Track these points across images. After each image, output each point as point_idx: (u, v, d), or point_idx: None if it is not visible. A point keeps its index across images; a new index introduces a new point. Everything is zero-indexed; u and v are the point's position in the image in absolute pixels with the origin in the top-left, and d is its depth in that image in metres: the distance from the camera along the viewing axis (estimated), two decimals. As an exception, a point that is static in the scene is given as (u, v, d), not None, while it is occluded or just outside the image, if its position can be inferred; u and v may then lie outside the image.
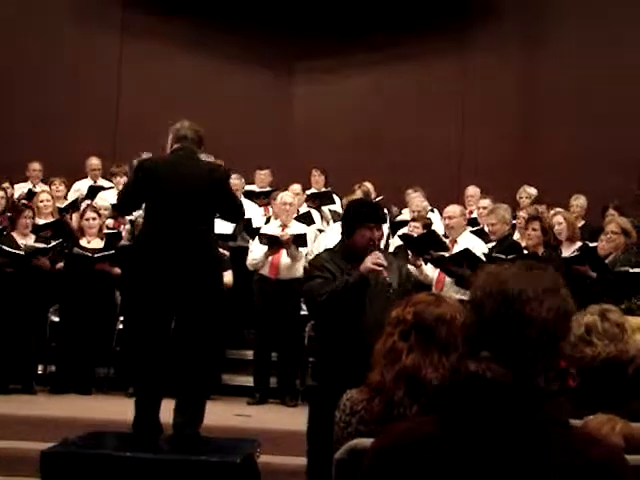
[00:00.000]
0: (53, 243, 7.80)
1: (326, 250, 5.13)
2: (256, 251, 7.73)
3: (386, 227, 8.96)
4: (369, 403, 2.55)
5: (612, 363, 2.76)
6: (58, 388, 7.67)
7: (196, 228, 5.12)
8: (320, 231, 8.74)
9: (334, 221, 9.06)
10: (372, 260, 4.44)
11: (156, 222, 5.17)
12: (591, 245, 7.43)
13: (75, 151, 10.74)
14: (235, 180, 8.61)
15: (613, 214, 8.52)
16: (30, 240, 7.82)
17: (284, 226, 7.86)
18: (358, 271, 4.47)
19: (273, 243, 7.58)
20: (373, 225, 4.59)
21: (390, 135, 11.51)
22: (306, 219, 8.53)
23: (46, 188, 9.50)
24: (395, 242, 8.32)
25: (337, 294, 4.44)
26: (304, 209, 9.12)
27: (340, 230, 7.68)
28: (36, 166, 10.37)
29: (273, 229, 7.91)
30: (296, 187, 9.49)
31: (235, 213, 5.63)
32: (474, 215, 9.17)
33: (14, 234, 7.82)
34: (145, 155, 7.02)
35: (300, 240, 7.65)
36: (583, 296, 4.60)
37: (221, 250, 6.67)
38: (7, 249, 7.46)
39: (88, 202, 9.09)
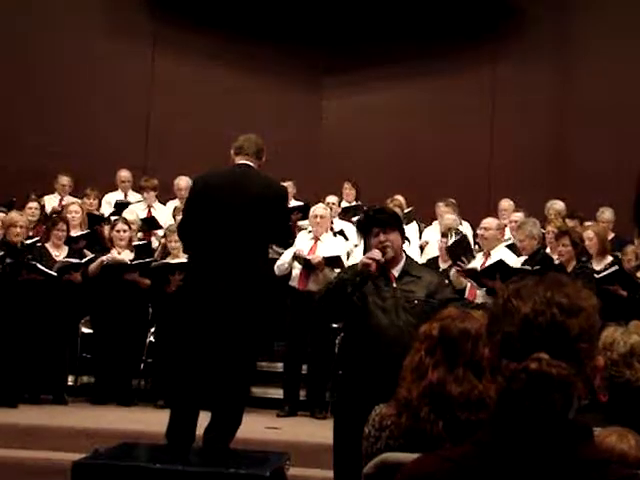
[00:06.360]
0: (86, 259, 7.87)
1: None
2: (285, 255, 7.72)
3: (414, 231, 8.91)
4: (398, 418, 2.56)
5: None
6: (98, 399, 7.71)
7: (248, 245, 5.06)
8: (355, 246, 8.73)
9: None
10: (367, 255, 4.39)
11: (208, 238, 5.11)
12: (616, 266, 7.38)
13: (106, 163, 10.81)
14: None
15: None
16: (63, 252, 7.86)
17: (316, 239, 7.87)
18: (354, 268, 4.46)
19: (306, 266, 7.61)
20: (377, 230, 4.48)
21: (420, 148, 11.49)
22: (342, 236, 8.54)
23: (75, 200, 9.51)
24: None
25: (332, 291, 4.42)
26: (337, 221, 9.13)
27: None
28: (65, 180, 10.37)
29: (305, 242, 7.92)
30: (332, 199, 9.51)
31: (283, 237, 5.57)
32: (507, 229, 9.05)
33: (47, 246, 7.87)
34: None
35: (334, 262, 7.60)
36: (614, 312, 4.56)
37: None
38: (43, 269, 7.47)
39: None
